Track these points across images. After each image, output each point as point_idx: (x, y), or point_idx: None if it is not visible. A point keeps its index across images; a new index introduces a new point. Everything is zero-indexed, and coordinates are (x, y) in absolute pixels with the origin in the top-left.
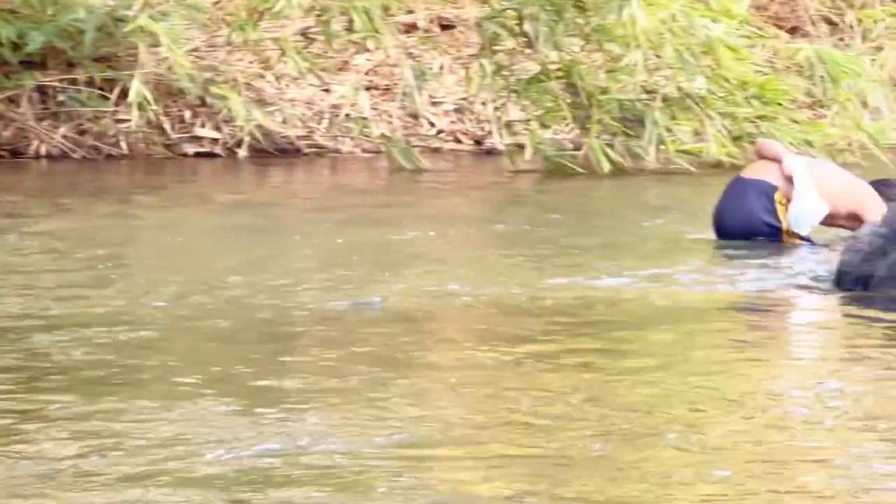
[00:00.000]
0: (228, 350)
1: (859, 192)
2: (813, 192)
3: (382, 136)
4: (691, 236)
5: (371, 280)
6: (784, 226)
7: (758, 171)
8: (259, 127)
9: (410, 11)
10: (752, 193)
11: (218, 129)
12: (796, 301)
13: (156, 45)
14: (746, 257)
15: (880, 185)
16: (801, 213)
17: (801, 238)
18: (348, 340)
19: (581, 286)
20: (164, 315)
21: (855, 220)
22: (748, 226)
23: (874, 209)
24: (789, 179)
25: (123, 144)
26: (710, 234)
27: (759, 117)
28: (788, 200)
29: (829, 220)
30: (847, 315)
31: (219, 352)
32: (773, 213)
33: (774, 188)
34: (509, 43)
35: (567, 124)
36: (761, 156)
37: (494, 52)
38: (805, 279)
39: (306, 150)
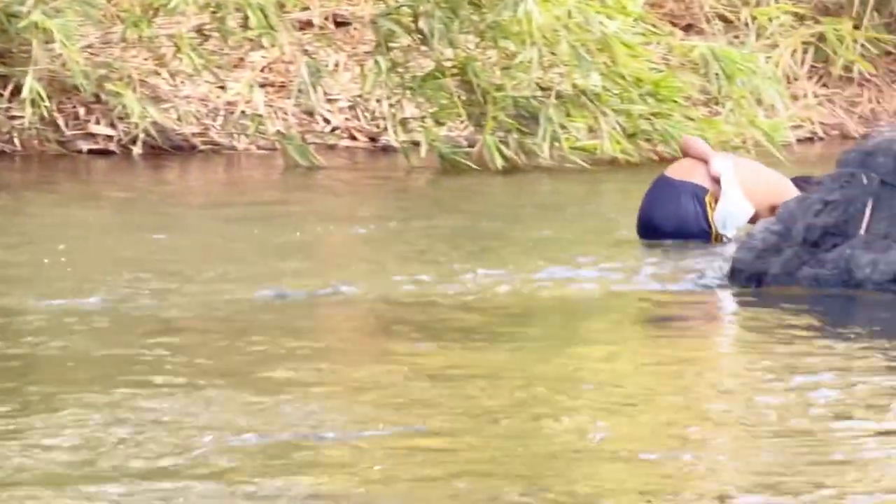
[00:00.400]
0: (113, 347)
1: (781, 189)
2: (739, 193)
3: (278, 133)
4: (585, 233)
5: (262, 276)
6: (713, 228)
7: (685, 172)
8: (154, 124)
9: (306, 8)
10: (683, 196)
11: (112, 126)
12: (687, 298)
13: (50, 41)
14: (641, 254)
15: (801, 182)
16: (728, 215)
17: (729, 239)
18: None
19: (474, 283)
20: (56, 313)
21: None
22: (682, 228)
23: None
24: (716, 181)
25: (17, 141)
26: (603, 230)
27: (653, 114)
28: (716, 202)
29: (753, 219)
30: (734, 311)
31: (103, 349)
32: (706, 216)
33: (705, 191)
34: (404, 40)
35: (462, 121)
36: (686, 154)
37: (389, 50)
38: (700, 276)
39: (201, 148)
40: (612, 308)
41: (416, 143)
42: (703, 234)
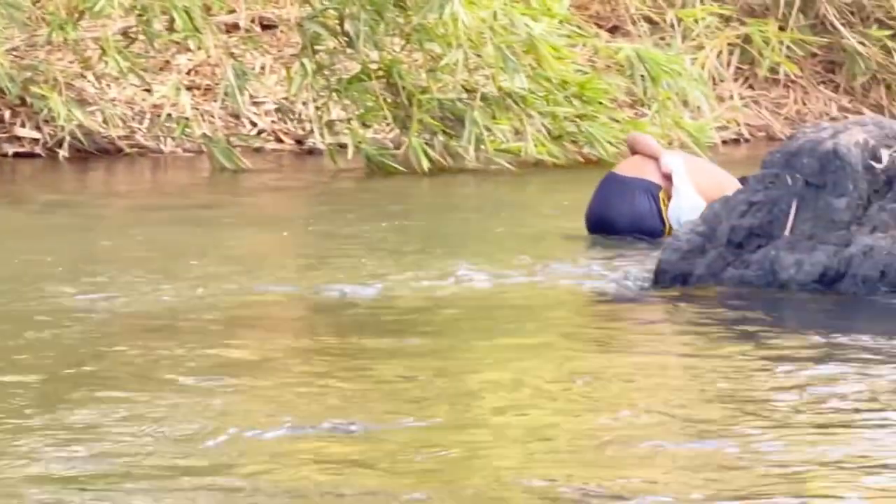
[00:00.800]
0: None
1: (731, 187)
2: (692, 189)
3: (204, 136)
4: (509, 233)
5: (190, 278)
6: (667, 225)
7: (636, 169)
8: (80, 127)
9: (232, 11)
10: (637, 193)
11: (38, 129)
12: (610, 298)
13: None
14: (564, 254)
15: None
16: (682, 212)
17: None
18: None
19: (400, 283)
20: None
21: None
22: (636, 225)
23: None
24: (668, 177)
25: None
26: (528, 231)
27: (579, 116)
28: (669, 199)
29: None
30: (657, 312)
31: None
32: (660, 213)
33: (658, 187)
34: (330, 43)
35: (388, 124)
36: (634, 151)
37: (315, 52)
38: (624, 277)
39: (128, 151)
40: (534, 308)
41: (343, 146)
42: (657, 231)
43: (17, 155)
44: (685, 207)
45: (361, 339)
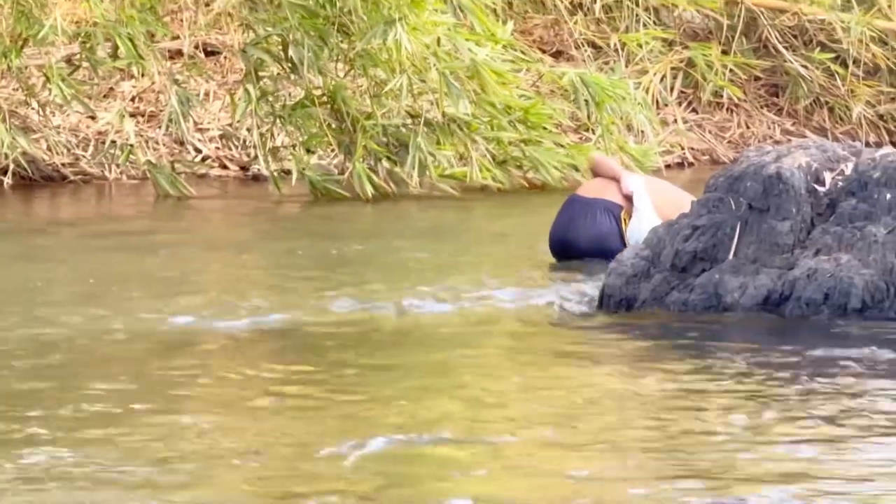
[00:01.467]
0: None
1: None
2: (651, 210)
3: (148, 162)
4: (452, 259)
5: (142, 306)
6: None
7: (597, 190)
8: (24, 154)
9: (175, 37)
10: (599, 213)
11: None
12: (554, 323)
13: None
14: (511, 279)
15: None
16: (640, 233)
17: None
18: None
19: (342, 308)
20: None
21: None
22: (598, 246)
23: None
24: (629, 198)
25: None
26: (472, 256)
27: (523, 141)
28: (630, 219)
29: None
30: (608, 339)
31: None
32: (621, 233)
33: (619, 208)
34: (274, 69)
35: (332, 150)
36: (596, 173)
37: (259, 79)
38: (571, 301)
39: (72, 178)
40: (475, 334)
41: (287, 172)
42: (619, 252)
43: None
44: (645, 228)
45: (301, 364)
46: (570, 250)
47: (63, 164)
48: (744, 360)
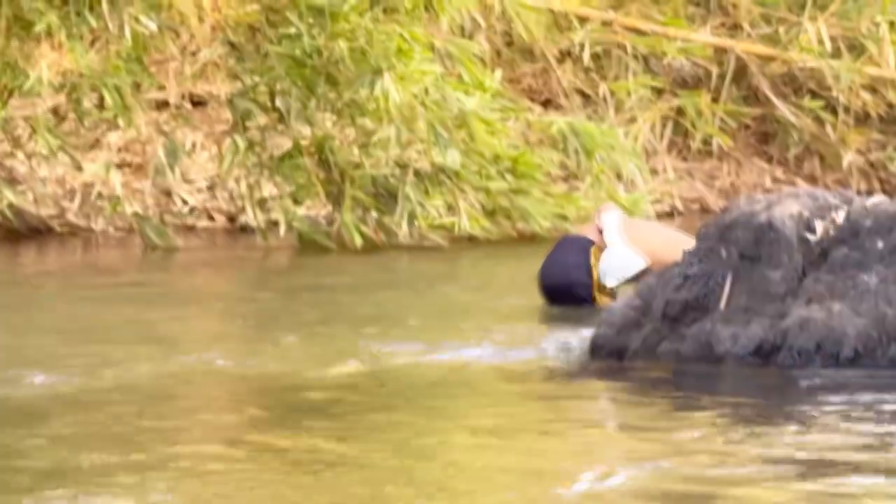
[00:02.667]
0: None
1: (682, 244)
2: (621, 243)
3: (135, 214)
4: (445, 308)
5: (128, 356)
6: (595, 279)
7: (582, 229)
8: (10, 206)
9: (162, 88)
10: (570, 249)
11: None
12: (543, 374)
13: None
14: (500, 328)
15: None
16: (609, 266)
17: (612, 296)
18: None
19: (330, 360)
20: None
21: None
22: (565, 283)
23: None
24: (601, 232)
25: None
26: (459, 306)
27: (512, 191)
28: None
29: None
30: (598, 389)
31: None
32: (588, 268)
33: (591, 242)
34: (262, 119)
35: (320, 200)
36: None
37: (246, 129)
38: (561, 351)
39: (59, 229)
40: (465, 383)
41: (275, 223)
42: (586, 290)
43: None
44: (613, 261)
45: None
46: (540, 286)
47: (49, 216)
48: (737, 410)
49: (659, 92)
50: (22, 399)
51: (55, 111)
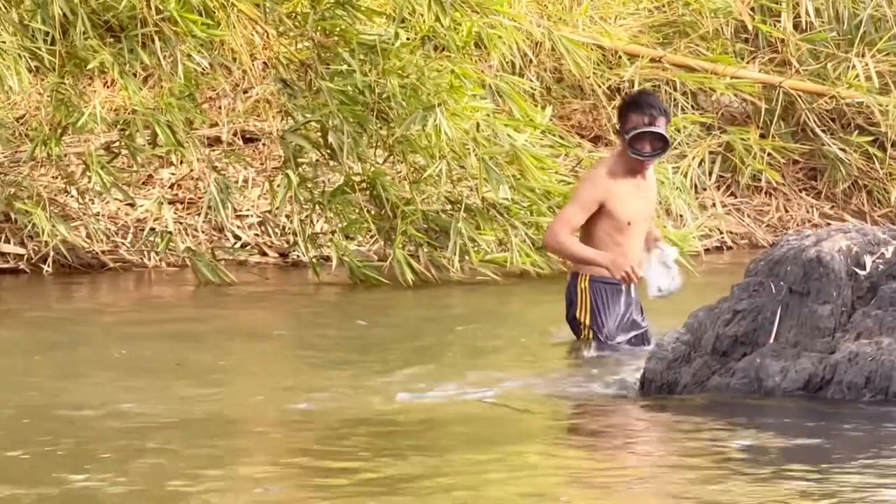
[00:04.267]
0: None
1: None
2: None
3: (187, 249)
4: (497, 342)
5: (183, 392)
6: (578, 314)
7: None
8: (64, 242)
9: (214, 125)
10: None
11: (23, 244)
12: (596, 408)
13: None
14: (553, 363)
15: None
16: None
17: (596, 337)
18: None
19: (387, 395)
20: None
21: None
22: (568, 317)
23: None
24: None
25: None
26: (512, 341)
27: None
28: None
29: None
30: (648, 422)
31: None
32: (576, 299)
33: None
34: (313, 155)
35: (371, 236)
36: None
37: (298, 165)
38: (611, 386)
39: (112, 265)
40: (519, 419)
41: (327, 258)
42: (573, 321)
43: (1, 271)
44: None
45: (354, 454)
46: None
47: (102, 252)
48: (786, 444)
49: (708, 128)
50: (78, 436)
51: (108, 148)
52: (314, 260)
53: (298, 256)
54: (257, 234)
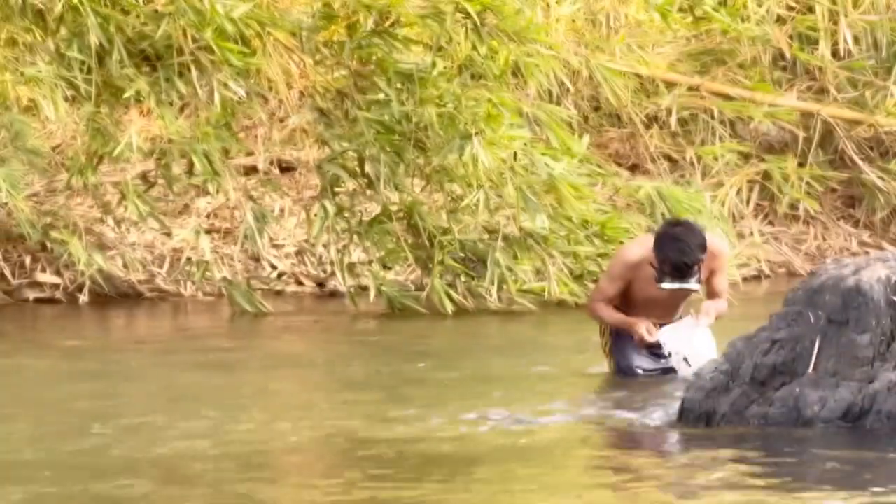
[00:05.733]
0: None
1: None
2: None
3: (224, 279)
4: (535, 372)
5: (221, 423)
6: (602, 343)
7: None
8: (100, 271)
9: (250, 154)
10: None
11: (59, 273)
12: (634, 438)
13: None
14: (590, 394)
15: None
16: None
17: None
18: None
19: (426, 425)
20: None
21: None
22: None
23: None
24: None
25: None
26: (552, 371)
27: (600, 255)
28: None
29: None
30: (684, 452)
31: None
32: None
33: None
34: (350, 184)
35: (409, 265)
36: None
37: (335, 194)
38: (649, 416)
39: (148, 295)
40: (557, 448)
41: (364, 288)
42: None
43: (37, 300)
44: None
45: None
46: None
47: (139, 281)
48: (826, 474)
49: (746, 156)
50: (112, 466)
51: (144, 177)
52: (351, 290)
53: (335, 286)
54: (294, 264)
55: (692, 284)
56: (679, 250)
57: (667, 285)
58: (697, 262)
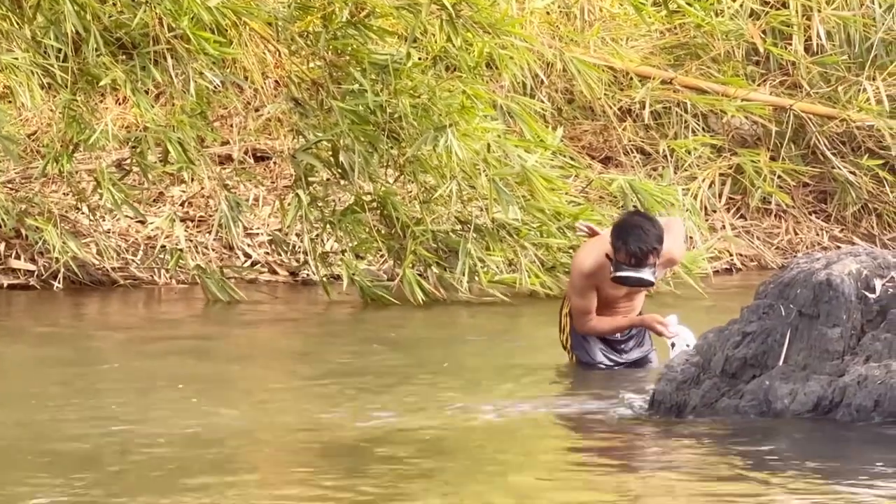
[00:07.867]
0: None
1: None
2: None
3: (198, 267)
4: (505, 363)
5: (191, 410)
6: (561, 338)
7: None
8: (74, 259)
9: (225, 143)
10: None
11: (33, 260)
12: (604, 429)
13: None
14: (560, 385)
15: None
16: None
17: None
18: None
19: (395, 416)
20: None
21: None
22: None
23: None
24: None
25: None
26: (520, 361)
27: (572, 247)
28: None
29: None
30: (657, 443)
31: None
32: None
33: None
34: (324, 174)
35: (382, 255)
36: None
37: (309, 184)
38: (619, 407)
39: (122, 282)
40: (527, 438)
41: (337, 277)
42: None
43: (11, 287)
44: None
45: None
46: None
47: (113, 269)
48: (794, 467)
49: (718, 150)
50: (90, 451)
51: (119, 165)
52: (324, 279)
53: (308, 275)
54: (268, 253)
55: (646, 274)
56: (636, 237)
57: (621, 273)
58: (652, 252)
